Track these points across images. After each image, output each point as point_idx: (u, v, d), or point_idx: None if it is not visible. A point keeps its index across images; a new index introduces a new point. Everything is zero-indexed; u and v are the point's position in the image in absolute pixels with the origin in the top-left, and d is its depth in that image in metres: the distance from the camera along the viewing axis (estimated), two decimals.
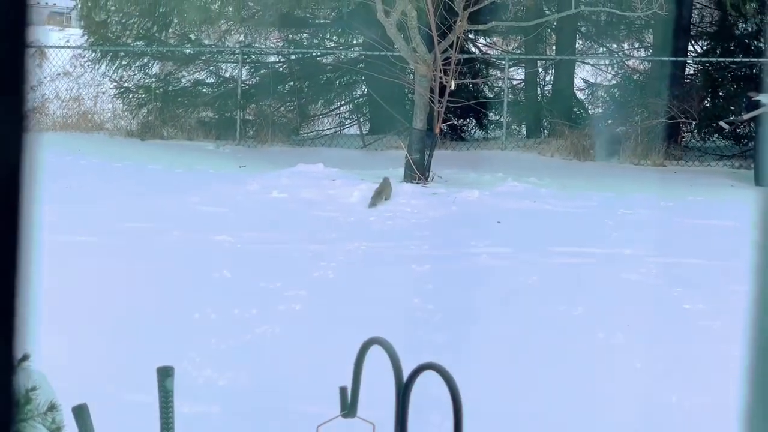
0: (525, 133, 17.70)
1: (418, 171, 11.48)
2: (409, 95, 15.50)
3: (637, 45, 20.21)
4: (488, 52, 18.75)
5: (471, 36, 17.02)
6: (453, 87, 11.59)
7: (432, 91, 11.65)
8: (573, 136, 15.23)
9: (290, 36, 18.37)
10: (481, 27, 12.89)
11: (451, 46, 11.88)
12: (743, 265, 7.63)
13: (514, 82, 18.42)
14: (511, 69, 17.87)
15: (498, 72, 17.96)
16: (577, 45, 18.69)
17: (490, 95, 17.95)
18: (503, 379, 5.04)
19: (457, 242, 8.32)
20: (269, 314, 6.01)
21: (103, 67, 17.51)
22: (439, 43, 11.59)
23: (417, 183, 11.37)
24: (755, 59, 15.47)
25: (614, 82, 19.04)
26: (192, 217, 9.13)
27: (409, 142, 11.82)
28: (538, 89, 18.34)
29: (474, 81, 15.31)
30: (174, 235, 8.20)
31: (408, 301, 6.42)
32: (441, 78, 11.60)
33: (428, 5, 11.27)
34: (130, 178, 11.64)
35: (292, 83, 18.03)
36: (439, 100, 11.61)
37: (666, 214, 10.14)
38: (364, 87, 18.31)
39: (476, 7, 11.86)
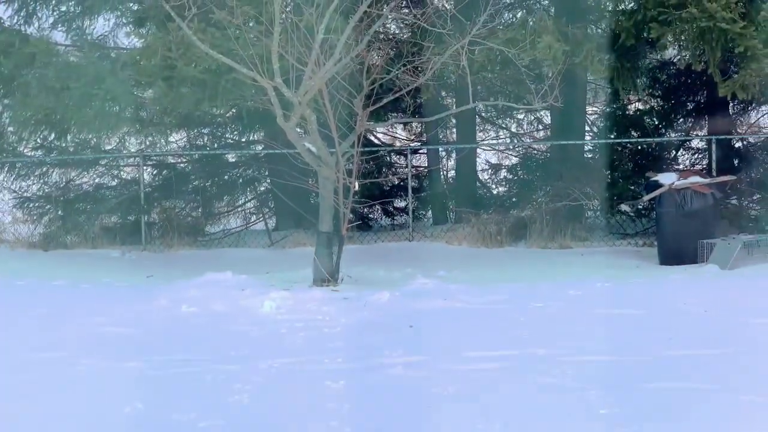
0: (431, 220, 17.85)
1: (328, 274, 11.49)
2: (315, 190, 15.53)
3: (536, 124, 20.61)
4: (390, 143, 18.94)
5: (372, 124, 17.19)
6: (357, 188, 11.66)
7: (336, 192, 11.70)
8: (479, 223, 15.38)
9: (191, 135, 18.35)
10: (381, 125, 13.03)
11: (352, 145, 11.97)
12: (655, 360, 7.76)
13: (419, 169, 18.61)
14: (413, 155, 18.06)
15: (402, 158, 18.13)
16: (477, 126, 18.99)
17: (395, 181, 18.08)
18: None
19: (370, 352, 8.28)
20: None
21: (1, 177, 17.28)
22: (340, 144, 11.66)
23: (327, 286, 11.36)
24: (650, 139, 15.84)
25: (516, 160, 19.34)
26: (100, 341, 8.96)
27: (316, 245, 11.81)
28: (442, 175, 18.54)
29: (377, 180, 15.40)
30: (82, 365, 8.03)
31: (326, 423, 6.36)
32: (344, 179, 11.66)
33: (327, 108, 11.35)
34: (34, 298, 11.39)
35: (196, 182, 17.98)
36: (344, 202, 11.67)
37: (576, 304, 10.25)
38: (268, 182, 18.33)
39: (375, 107, 12.00)
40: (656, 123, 16.40)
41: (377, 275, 12.22)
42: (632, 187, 15.59)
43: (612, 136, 16.39)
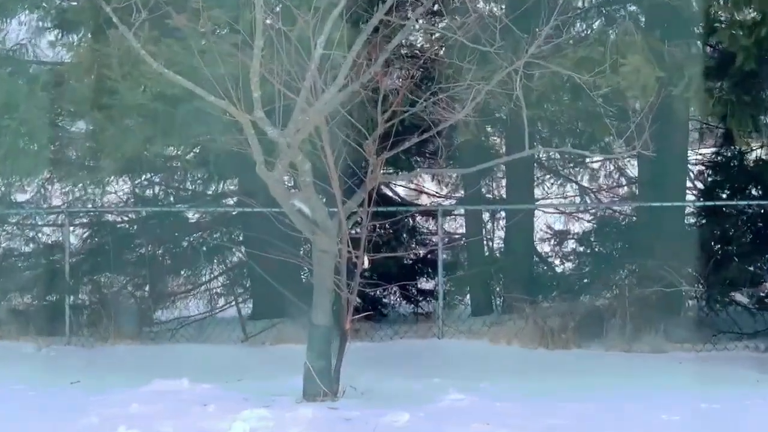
0: (470, 309, 17.78)
1: (324, 384, 11.42)
2: (307, 266, 15.53)
3: (617, 176, 20.59)
4: (414, 200, 18.96)
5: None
6: (367, 264, 11.63)
7: (338, 270, 11.64)
8: (537, 314, 15.33)
9: (137, 184, 18.39)
10: (402, 177, 13.04)
11: (361, 204, 11.94)
12: None
13: (453, 237, 18.59)
14: (446, 219, 18.06)
15: (430, 221, 18.08)
16: (535, 179, 18.94)
17: (419, 253, 18.03)
18: None
19: None
20: None
21: None
22: (344, 203, 11.63)
23: (322, 401, 11.29)
24: None
25: (589, 226, 19.27)
26: None
27: (308, 343, 11.75)
28: (486, 246, 18.49)
29: (394, 255, 15.35)
30: None
31: None
32: (349, 252, 11.63)
33: (326, 153, 11.32)
34: None
35: (142, 250, 17.97)
36: (348, 284, 11.62)
37: None
38: (242, 252, 18.32)
39: (394, 151, 11.97)
40: None
41: (392, 387, 12.16)
42: (751, 268, 15.53)
43: (724, 196, 16.36)
